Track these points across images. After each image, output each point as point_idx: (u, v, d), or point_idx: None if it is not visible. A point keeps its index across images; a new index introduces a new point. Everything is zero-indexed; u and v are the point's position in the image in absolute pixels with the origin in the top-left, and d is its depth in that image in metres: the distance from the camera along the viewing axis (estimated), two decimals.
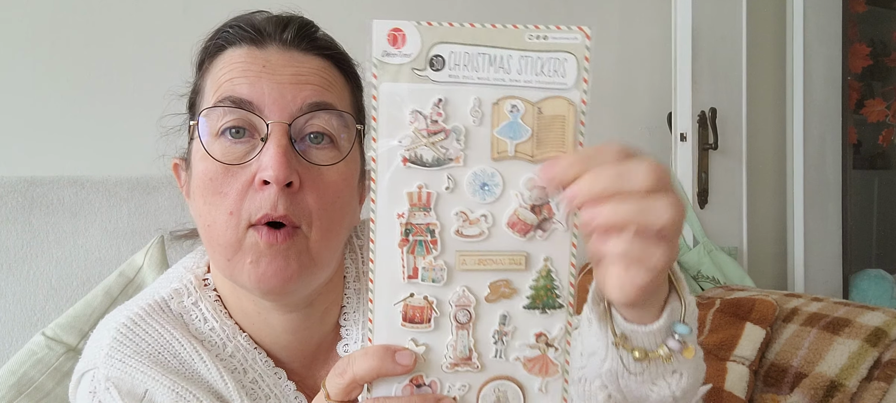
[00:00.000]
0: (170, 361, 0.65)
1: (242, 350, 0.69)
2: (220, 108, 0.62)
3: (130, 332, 0.66)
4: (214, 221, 0.62)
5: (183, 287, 0.70)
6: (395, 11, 1.68)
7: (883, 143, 2.80)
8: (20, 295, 1.13)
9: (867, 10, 2.63)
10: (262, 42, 0.65)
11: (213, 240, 0.63)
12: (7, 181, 1.18)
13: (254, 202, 0.61)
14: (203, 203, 0.63)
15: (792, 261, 2.09)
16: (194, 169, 0.65)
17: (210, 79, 0.66)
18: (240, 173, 0.62)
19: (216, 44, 0.67)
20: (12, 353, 1.08)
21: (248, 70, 0.63)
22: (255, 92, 0.62)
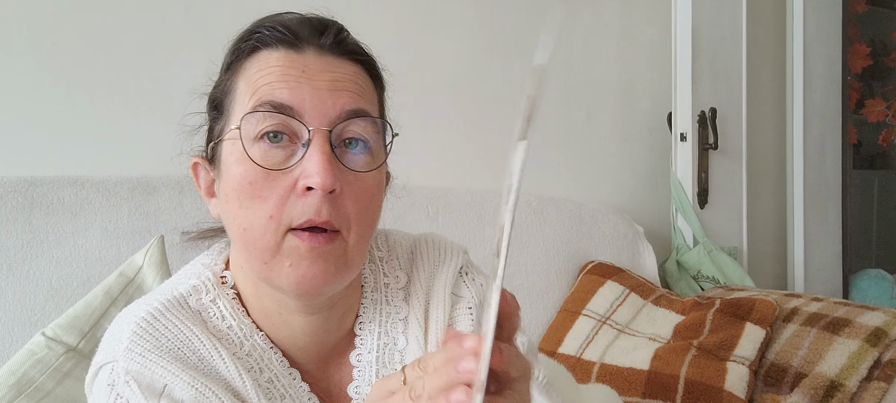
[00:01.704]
0: (189, 357, 0.65)
1: (259, 350, 0.69)
2: (260, 113, 0.63)
3: (150, 326, 0.66)
4: (252, 224, 0.63)
5: (201, 284, 0.70)
6: (395, 11, 1.68)
7: (883, 143, 2.80)
8: (20, 295, 1.13)
9: (867, 10, 2.63)
10: (299, 46, 0.66)
11: (249, 244, 0.64)
12: (7, 181, 1.18)
13: (296, 207, 0.62)
14: (239, 206, 0.64)
15: (792, 261, 2.09)
16: (228, 171, 0.65)
17: (244, 81, 0.65)
18: (281, 178, 0.62)
19: (251, 45, 0.67)
20: (12, 353, 1.08)
21: (288, 75, 0.64)
22: (296, 97, 0.63)
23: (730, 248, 1.91)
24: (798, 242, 2.07)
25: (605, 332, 1.48)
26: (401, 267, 0.77)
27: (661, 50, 1.99)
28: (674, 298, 1.57)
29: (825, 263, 2.12)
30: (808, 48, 2.08)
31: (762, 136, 2.15)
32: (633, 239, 1.76)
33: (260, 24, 0.67)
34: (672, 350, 1.38)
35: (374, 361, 0.72)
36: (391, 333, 0.74)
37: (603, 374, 1.39)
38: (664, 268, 1.88)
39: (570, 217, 1.69)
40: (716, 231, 1.92)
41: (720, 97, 1.93)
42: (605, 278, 1.59)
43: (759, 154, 2.11)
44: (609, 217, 1.76)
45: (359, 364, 0.73)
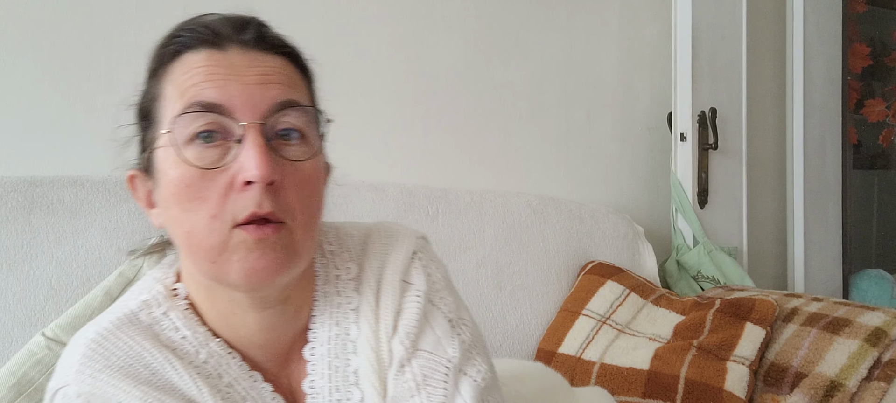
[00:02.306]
0: (141, 372, 0.65)
1: (216, 356, 0.69)
2: (190, 114, 0.63)
3: (100, 346, 0.66)
4: (195, 226, 0.63)
5: (152, 298, 0.70)
6: (395, 11, 1.68)
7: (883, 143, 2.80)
8: (20, 295, 1.13)
9: (867, 10, 2.63)
10: (222, 44, 0.66)
11: (194, 246, 0.64)
12: (7, 181, 1.18)
13: (237, 203, 0.62)
14: (180, 210, 0.63)
15: (792, 261, 2.09)
16: (165, 177, 0.64)
17: (171, 85, 0.65)
18: (219, 176, 0.62)
19: (173, 49, 0.67)
20: (12, 353, 1.08)
21: (214, 73, 0.64)
22: (224, 95, 0.63)
23: (730, 248, 1.91)
24: (798, 242, 2.07)
25: (605, 332, 1.48)
26: (352, 258, 0.76)
27: (661, 50, 1.99)
28: (674, 298, 1.57)
29: (825, 263, 2.12)
30: (808, 48, 2.08)
31: (762, 136, 2.15)
32: (633, 239, 1.76)
33: (180, 28, 0.67)
34: (672, 350, 1.38)
35: (326, 353, 0.72)
36: (343, 324, 0.73)
37: (603, 374, 1.39)
38: (664, 268, 1.88)
39: (570, 217, 1.69)
40: (716, 231, 1.92)
41: (720, 97, 1.93)
42: (605, 278, 1.59)
43: (759, 154, 2.11)
44: (609, 217, 1.76)
45: (312, 359, 0.73)
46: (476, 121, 1.78)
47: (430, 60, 1.73)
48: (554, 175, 1.89)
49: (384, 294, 0.74)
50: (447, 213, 1.54)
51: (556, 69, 1.89)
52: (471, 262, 1.51)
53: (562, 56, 1.90)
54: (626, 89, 2.00)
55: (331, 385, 0.72)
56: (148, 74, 0.69)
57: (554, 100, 1.89)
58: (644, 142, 2.03)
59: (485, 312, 1.50)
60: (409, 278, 0.75)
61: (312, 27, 1.58)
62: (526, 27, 1.84)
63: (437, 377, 0.70)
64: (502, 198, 1.63)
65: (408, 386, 0.70)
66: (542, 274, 1.59)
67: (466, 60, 1.77)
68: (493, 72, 1.81)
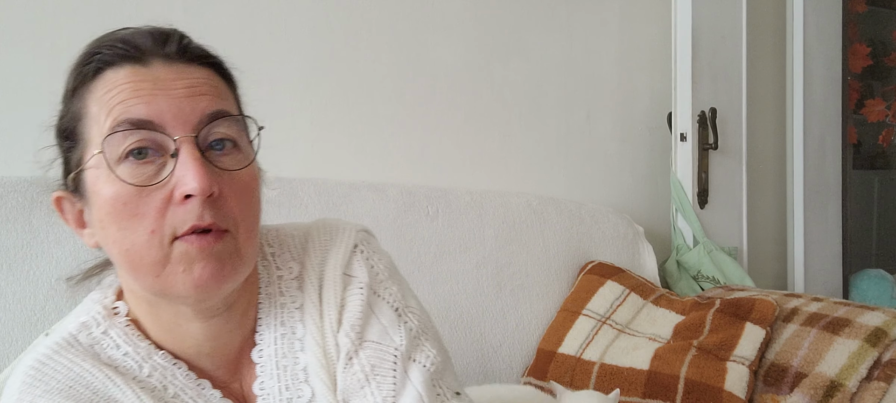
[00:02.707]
0: (82, 393, 0.65)
1: (160, 369, 0.69)
2: (120, 132, 0.62)
3: (39, 372, 0.66)
4: (134, 244, 0.63)
5: (90, 319, 0.70)
6: (395, 12, 1.68)
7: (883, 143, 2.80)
8: (20, 295, 1.13)
9: (867, 10, 2.63)
10: (144, 59, 0.65)
11: (135, 263, 0.64)
12: (7, 181, 1.18)
13: (177, 216, 0.62)
14: (117, 229, 0.63)
15: (792, 261, 2.09)
16: (98, 196, 0.64)
17: (96, 104, 0.64)
18: (155, 192, 0.62)
19: (93, 67, 0.66)
20: (12, 353, 1.08)
21: (140, 89, 0.63)
22: (153, 110, 0.62)
23: (730, 248, 1.91)
24: (798, 242, 2.07)
25: (605, 332, 1.48)
26: (293, 257, 0.76)
27: (661, 50, 1.99)
28: (674, 298, 1.57)
29: (825, 263, 2.12)
30: (808, 48, 2.08)
31: (762, 136, 2.15)
32: (633, 239, 1.76)
33: (98, 45, 0.67)
34: (672, 350, 1.38)
35: (273, 354, 0.73)
36: (288, 323, 0.74)
37: (603, 374, 1.40)
38: (664, 268, 1.88)
39: (570, 217, 1.69)
40: (716, 231, 1.92)
41: (720, 97, 1.93)
42: (605, 278, 1.59)
43: (759, 154, 2.11)
44: (609, 217, 1.76)
45: (260, 360, 0.73)
46: (476, 121, 1.78)
47: (430, 60, 1.73)
48: (554, 175, 1.89)
49: (326, 289, 0.74)
50: (447, 213, 1.54)
51: (556, 69, 1.89)
52: (471, 262, 1.51)
53: (562, 56, 1.90)
54: (626, 89, 2.00)
55: (280, 384, 0.72)
56: (67, 94, 0.68)
57: (554, 100, 1.89)
58: (644, 142, 2.03)
59: (485, 312, 1.50)
60: (351, 271, 0.74)
61: (312, 27, 1.58)
62: (526, 27, 1.84)
63: (385, 366, 0.71)
64: (502, 198, 1.63)
65: (357, 378, 0.71)
66: (542, 274, 1.59)
67: (466, 60, 1.77)
68: (493, 72, 1.81)
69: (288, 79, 1.54)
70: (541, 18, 1.87)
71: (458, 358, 1.44)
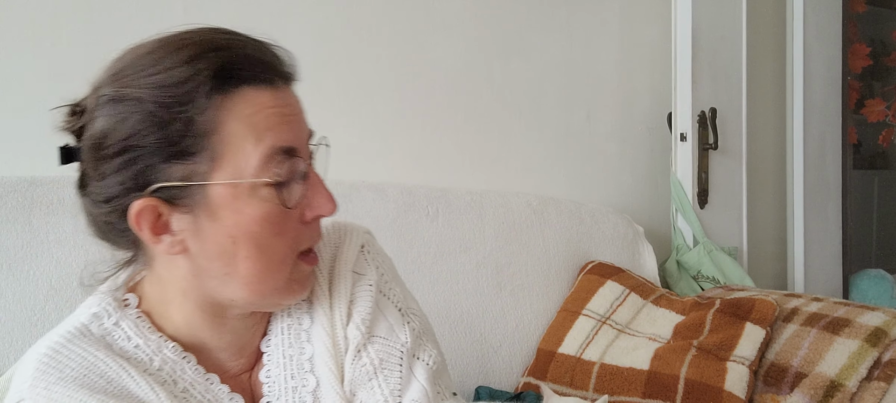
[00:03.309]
0: (96, 382, 0.66)
1: (170, 362, 0.70)
2: (278, 160, 0.65)
3: (53, 360, 0.66)
4: (272, 261, 0.67)
5: (101, 310, 0.71)
6: (395, 12, 1.68)
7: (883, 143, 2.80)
8: (20, 295, 1.13)
9: (867, 10, 2.63)
10: (275, 82, 0.67)
11: (266, 278, 0.67)
12: (7, 181, 1.18)
13: (304, 236, 0.69)
14: (255, 246, 0.65)
15: (792, 261, 2.09)
16: (236, 215, 0.64)
17: (238, 122, 0.63)
18: (293, 213, 0.67)
19: (234, 79, 0.64)
20: (12, 353, 1.08)
21: (283, 116, 0.66)
22: (295, 136, 0.67)
23: (730, 248, 1.91)
24: (798, 242, 2.07)
25: (605, 332, 1.48)
26: None
27: (661, 50, 1.99)
28: (674, 298, 1.57)
29: (825, 263, 2.12)
30: (808, 48, 2.08)
31: (762, 136, 2.15)
32: (633, 239, 1.76)
33: (233, 57, 0.64)
34: (672, 350, 1.38)
35: (280, 344, 0.75)
36: (295, 314, 0.76)
37: (603, 374, 1.40)
38: (664, 268, 1.88)
39: (570, 217, 1.69)
40: (716, 231, 1.92)
41: (720, 97, 1.93)
42: (605, 278, 1.59)
43: (759, 154, 2.11)
44: (609, 217, 1.76)
45: (267, 350, 0.76)
46: (476, 121, 1.78)
47: (430, 60, 1.73)
48: (554, 175, 1.89)
49: (337, 284, 0.76)
50: (447, 213, 1.54)
51: (556, 69, 1.89)
52: (471, 262, 1.51)
53: (562, 56, 1.90)
54: (626, 89, 2.00)
55: (286, 373, 0.75)
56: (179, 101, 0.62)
57: (554, 100, 1.89)
58: (644, 142, 2.03)
59: (485, 312, 1.50)
60: (360, 269, 0.78)
61: (312, 27, 1.58)
62: (526, 27, 1.84)
63: (392, 361, 0.74)
64: (502, 198, 1.63)
65: (365, 370, 0.74)
66: (542, 274, 1.59)
67: (466, 60, 1.77)
68: (493, 72, 1.81)
69: None
70: (541, 18, 1.87)
71: (458, 358, 1.44)
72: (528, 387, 1.46)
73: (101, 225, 0.69)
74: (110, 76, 0.68)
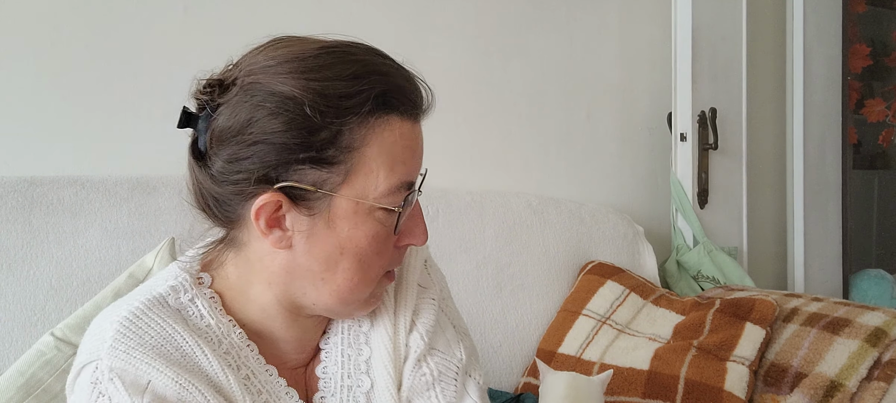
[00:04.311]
0: (172, 353, 0.67)
1: (237, 348, 0.71)
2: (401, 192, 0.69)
3: (133, 325, 0.67)
4: (366, 276, 0.70)
5: (179, 284, 0.71)
6: (395, 11, 1.68)
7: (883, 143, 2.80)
8: (20, 295, 1.13)
9: (867, 10, 2.63)
10: (416, 117, 0.71)
11: (357, 291, 0.71)
12: (7, 181, 1.18)
13: (395, 259, 0.73)
14: (357, 261, 0.69)
15: (792, 261, 2.09)
16: (352, 229, 0.68)
17: (378, 147, 0.66)
18: (392, 237, 0.71)
19: (382, 106, 0.66)
20: (12, 353, 1.08)
21: (416, 151, 0.71)
22: (416, 173, 0.71)
23: (730, 248, 1.91)
24: (798, 242, 2.07)
25: (605, 332, 1.48)
26: None
27: (661, 50, 1.99)
28: (674, 298, 1.57)
29: (825, 263, 2.12)
30: (808, 48, 2.08)
31: (762, 136, 2.14)
32: (633, 239, 1.76)
33: (389, 85, 0.66)
34: (672, 350, 1.38)
35: (339, 342, 0.78)
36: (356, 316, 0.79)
37: None
38: (664, 268, 1.88)
39: (570, 217, 1.69)
40: (716, 231, 1.92)
41: (720, 97, 1.93)
42: (605, 278, 1.59)
43: (759, 154, 2.11)
44: (609, 217, 1.76)
45: (326, 347, 0.78)
46: (476, 121, 1.78)
47: (430, 60, 1.73)
48: (554, 175, 1.89)
49: (402, 294, 0.79)
50: (447, 213, 1.54)
51: (556, 69, 1.89)
52: (471, 262, 1.51)
53: (562, 56, 1.90)
54: (626, 89, 2.00)
55: (343, 371, 0.77)
56: (334, 111, 0.63)
57: (554, 100, 1.89)
58: (644, 142, 2.03)
59: (485, 312, 1.50)
60: (424, 283, 0.82)
61: (312, 27, 1.58)
62: (526, 27, 1.84)
63: (449, 375, 0.78)
64: (502, 198, 1.63)
65: (425, 380, 0.76)
66: (542, 274, 1.59)
67: (466, 60, 1.77)
68: (493, 72, 1.81)
69: None
70: (541, 18, 1.87)
71: None
72: (528, 388, 1.46)
73: (208, 198, 0.69)
74: (265, 66, 0.65)
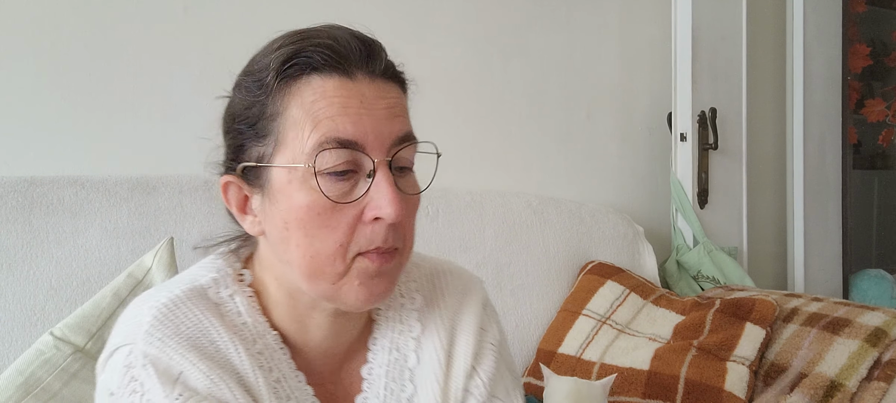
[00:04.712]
0: (206, 347, 0.66)
1: (270, 349, 0.70)
2: (328, 151, 0.63)
3: (171, 313, 0.66)
4: (320, 252, 0.65)
5: (220, 278, 0.71)
6: (395, 11, 1.68)
7: (883, 143, 2.80)
8: (20, 295, 1.13)
9: (867, 10, 2.63)
10: (352, 72, 0.66)
11: (317, 269, 0.66)
12: (7, 181, 1.18)
13: (364, 235, 0.65)
14: (304, 235, 0.65)
15: (792, 261, 2.09)
16: (288, 200, 0.65)
17: (299, 108, 0.64)
18: (347, 208, 0.65)
19: (298, 66, 0.65)
20: (12, 353, 1.08)
21: (348, 107, 0.64)
22: (359, 130, 0.64)
23: (730, 248, 1.91)
24: (798, 242, 2.07)
25: (605, 332, 1.48)
26: (418, 289, 0.79)
27: (661, 50, 1.99)
28: (674, 298, 1.57)
29: (825, 263, 2.12)
30: (808, 48, 2.08)
31: (762, 136, 2.15)
32: (633, 239, 1.76)
33: (307, 43, 0.66)
34: (672, 350, 1.38)
35: (383, 375, 0.75)
36: (402, 350, 0.76)
37: (603, 374, 1.39)
38: (664, 268, 1.88)
39: (570, 217, 1.69)
40: (716, 231, 1.92)
41: (720, 97, 1.93)
42: (605, 278, 1.59)
43: (759, 154, 2.11)
44: (609, 217, 1.76)
45: (369, 377, 0.75)
46: (476, 121, 1.78)
47: (431, 60, 1.73)
48: (554, 175, 1.89)
49: (461, 335, 0.77)
50: (447, 213, 1.54)
51: (556, 69, 1.89)
52: (471, 262, 1.51)
53: (562, 56, 1.90)
54: (626, 89, 2.00)
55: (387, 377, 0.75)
56: (261, 84, 0.66)
57: (554, 100, 1.89)
58: (644, 142, 2.03)
59: None
60: (485, 326, 0.79)
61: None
62: (526, 27, 1.84)
63: None
64: (502, 198, 1.63)
65: None
66: (542, 274, 1.59)
67: (466, 60, 1.77)
68: (493, 72, 1.81)
69: None
70: (541, 18, 1.87)
71: None
72: (528, 388, 1.46)
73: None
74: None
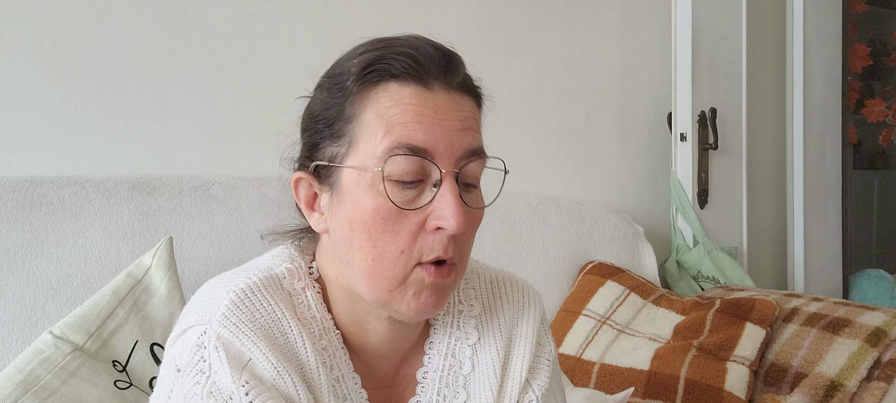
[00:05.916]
0: (277, 337, 0.67)
1: (333, 347, 0.71)
2: (399, 156, 0.64)
3: (248, 299, 0.67)
4: (382, 256, 0.65)
5: (295, 269, 0.71)
6: (395, 11, 1.68)
7: (883, 143, 2.80)
8: (20, 295, 1.13)
9: (867, 10, 2.63)
10: (429, 83, 0.66)
11: (377, 273, 0.66)
12: (7, 181, 1.18)
13: (425, 243, 0.66)
14: (368, 237, 0.65)
15: (792, 261, 2.09)
16: (356, 201, 0.66)
17: (374, 113, 0.65)
18: (412, 216, 0.65)
19: (377, 73, 0.66)
20: (12, 353, 1.08)
21: (422, 115, 0.65)
22: (430, 139, 0.65)
23: (730, 248, 1.91)
24: (798, 242, 2.07)
25: (605, 332, 1.48)
26: (477, 296, 0.79)
27: (661, 50, 1.99)
28: (674, 298, 1.57)
29: (825, 263, 2.12)
30: (808, 48, 2.08)
31: (762, 136, 2.15)
32: (633, 239, 1.76)
33: (387, 51, 0.67)
34: (672, 350, 1.38)
35: (437, 380, 0.76)
36: (458, 356, 0.77)
37: (603, 374, 1.40)
38: (664, 268, 1.88)
39: (570, 217, 1.69)
40: (716, 231, 1.92)
41: (720, 97, 1.93)
42: (605, 278, 1.59)
43: (759, 154, 2.11)
44: (609, 217, 1.76)
45: (423, 381, 0.76)
46: None
47: None
48: (554, 175, 1.89)
49: (518, 347, 0.78)
50: None
51: (556, 69, 1.89)
52: None
53: (562, 56, 1.90)
54: (626, 89, 2.00)
55: (440, 384, 0.75)
56: (341, 86, 0.68)
57: (554, 100, 1.89)
58: (644, 142, 2.03)
59: None
60: (541, 340, 0.80)
61: (312, 27, 1.58)
62: (526, 27, 1.84)
63: None
64: (502, 198, 1.63)
65: None
66: (541, 274, 1.59)
67: (466, 60, 1.77)
68: (493, 72, 1.81)
69: (288, 79, 1.54)
70: (541, 18, 1.87)
71: None
72: None
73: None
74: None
